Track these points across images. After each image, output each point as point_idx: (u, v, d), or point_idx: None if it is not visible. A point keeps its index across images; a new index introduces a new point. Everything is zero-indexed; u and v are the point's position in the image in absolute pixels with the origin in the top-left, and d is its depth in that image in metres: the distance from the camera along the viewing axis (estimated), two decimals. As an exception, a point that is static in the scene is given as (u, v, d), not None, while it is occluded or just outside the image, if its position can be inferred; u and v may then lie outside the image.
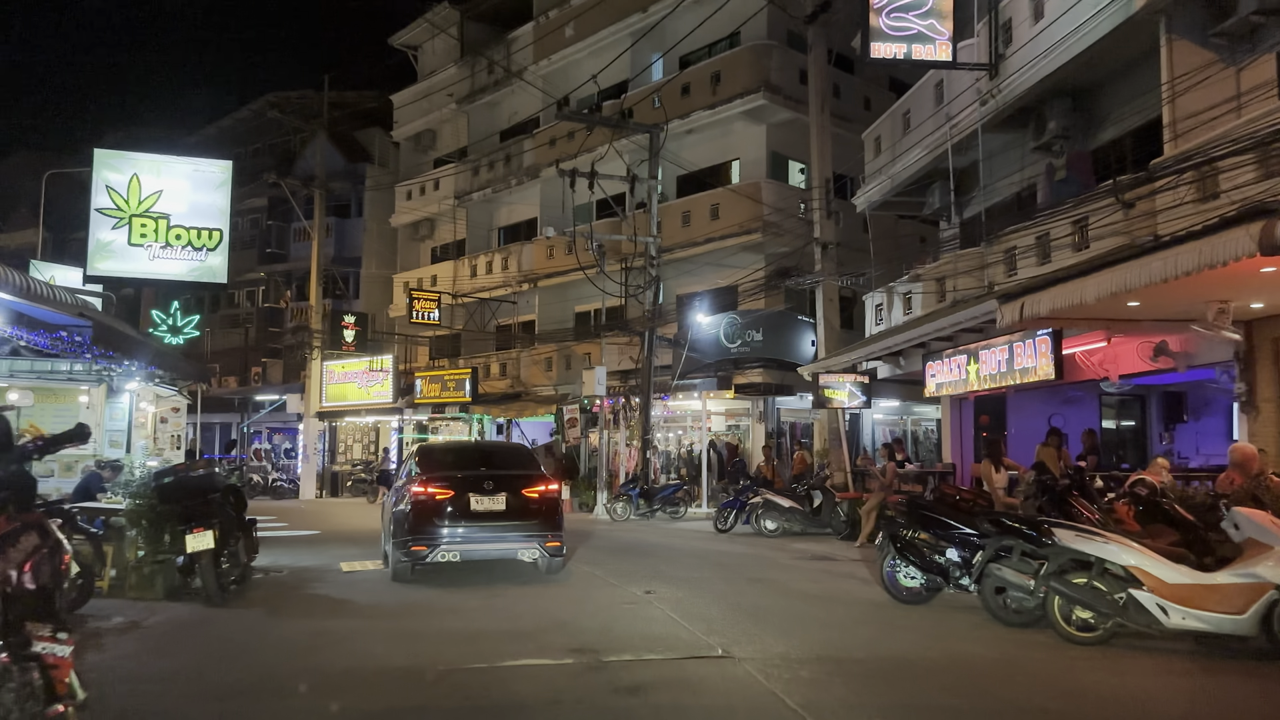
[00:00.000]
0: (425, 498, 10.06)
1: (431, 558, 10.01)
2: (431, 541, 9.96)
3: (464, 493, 10.07)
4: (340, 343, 29.17)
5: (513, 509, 10.17)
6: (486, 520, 10.09)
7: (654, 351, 22.19)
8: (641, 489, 21.33)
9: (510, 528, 10.21)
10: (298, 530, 17.62)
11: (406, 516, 10.10)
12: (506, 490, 10.20)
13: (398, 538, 10.21)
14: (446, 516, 9.99)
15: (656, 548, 14.83)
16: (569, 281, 27.31)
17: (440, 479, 10.21)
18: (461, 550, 10.10)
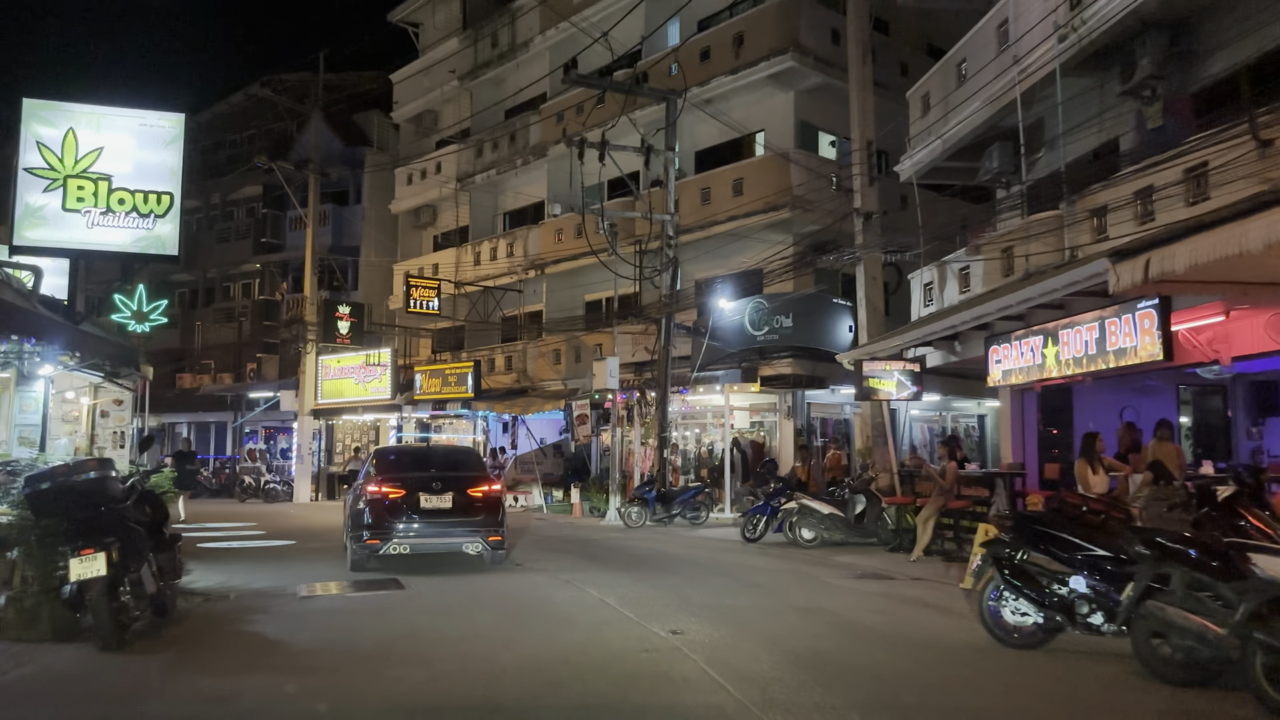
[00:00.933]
0: (380, 496, 11.07)
1: (385, 550, 10.96)
2: (385, 536, 10.93)
3: (415, 492, 11.10)
4: (334, 335, 27.20)
5: (459, 507, 11.18)
6: (435, 517, 11.11)
7: (671, 341, 20.08)
8: (658, 492, 19.24)
9: (456, 524, 11.21)
10: (272, 539, 15.61)
11: (363, 513, 11.12)
12: (453, 490, 11.22)
13: (355, 532, 11.27)
14: (399, 513, 11.01)
15: (678, 562, 12.71)
16: (579, 267, 25.24)
17: (393, 479, 11.24)
18: (412, 544, 11.07)
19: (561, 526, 19.17)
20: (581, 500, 22.19)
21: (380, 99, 33.87)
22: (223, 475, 32.75)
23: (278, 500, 28.84)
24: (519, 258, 26.96)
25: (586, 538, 16.56)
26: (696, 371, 20.16)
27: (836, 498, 15.05)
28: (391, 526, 10.96)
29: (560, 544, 15.26)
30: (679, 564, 12.50)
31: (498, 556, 11.71)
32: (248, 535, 16.51)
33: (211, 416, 37.31)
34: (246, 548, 14.52)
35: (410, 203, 31.76)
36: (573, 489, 22.46)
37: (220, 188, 37.82)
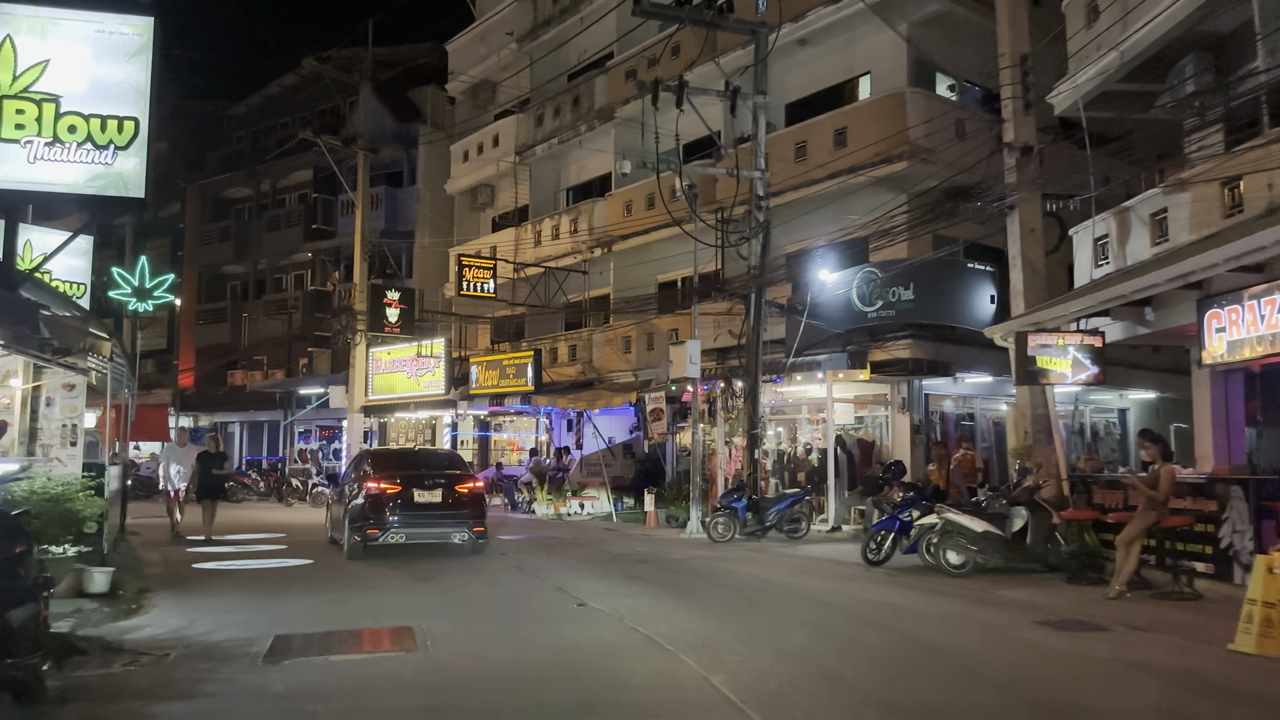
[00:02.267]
0: (379, 491, 12.32)
1: (383, 539, 12.30)
2: (383, 526, 12.24)
3: (409, 487, 12.45)
4: (382, 324, 24.69)
5: (447, 501, 12.55)
6: (427, 510, 12.46)
7: (763, 320, 16.89)
8: (750, 499, 16.08)
9: (446, 516, 12.58)
10: (289, 558, 12.89)
11: (363, 506, 12.34)
12: (443, 486, 12.62)
13: (355, 523, 12.40)
14: (396, 506, 12.32)
15: (793, 599, 9.58)
16: (650, 243, 22.21)
17: (390, 476, 12.59)
18: (407, 533, 12.43)
19: (635, 540, 16.16)
20: (656, 508, 19.15)
21: (435, 73, 31.38)
22: (271, 478, 30.61)
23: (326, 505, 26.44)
24: (583, 235, 24.07)
25: (665, 556, 13.50)
26: (793, 357, 16.94)
27: (990, 511, 11.72)
28: (389, 518, 12.32)
29: (635, 566, 12.23)
30: (796, 603, 9.35)
31: (479, 545, 13.06)
32: (265, 551, 13.87)
33: (263, 415, 35.31)
34: (251, 569, 11.82)
35: (467, 181, 29.13)
36: (646, 495, 19.43)
37: (270, 174, 35.85)
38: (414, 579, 10.73)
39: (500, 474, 24.34)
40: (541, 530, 18.27)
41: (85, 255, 18.99)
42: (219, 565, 11.98)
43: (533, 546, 14.81)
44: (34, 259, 18.01)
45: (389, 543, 12.32)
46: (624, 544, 15.38)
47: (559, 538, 16.45)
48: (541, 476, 22.32)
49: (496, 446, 28.83)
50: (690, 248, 18.38)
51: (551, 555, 13.45)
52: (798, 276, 17.93)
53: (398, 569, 11.86)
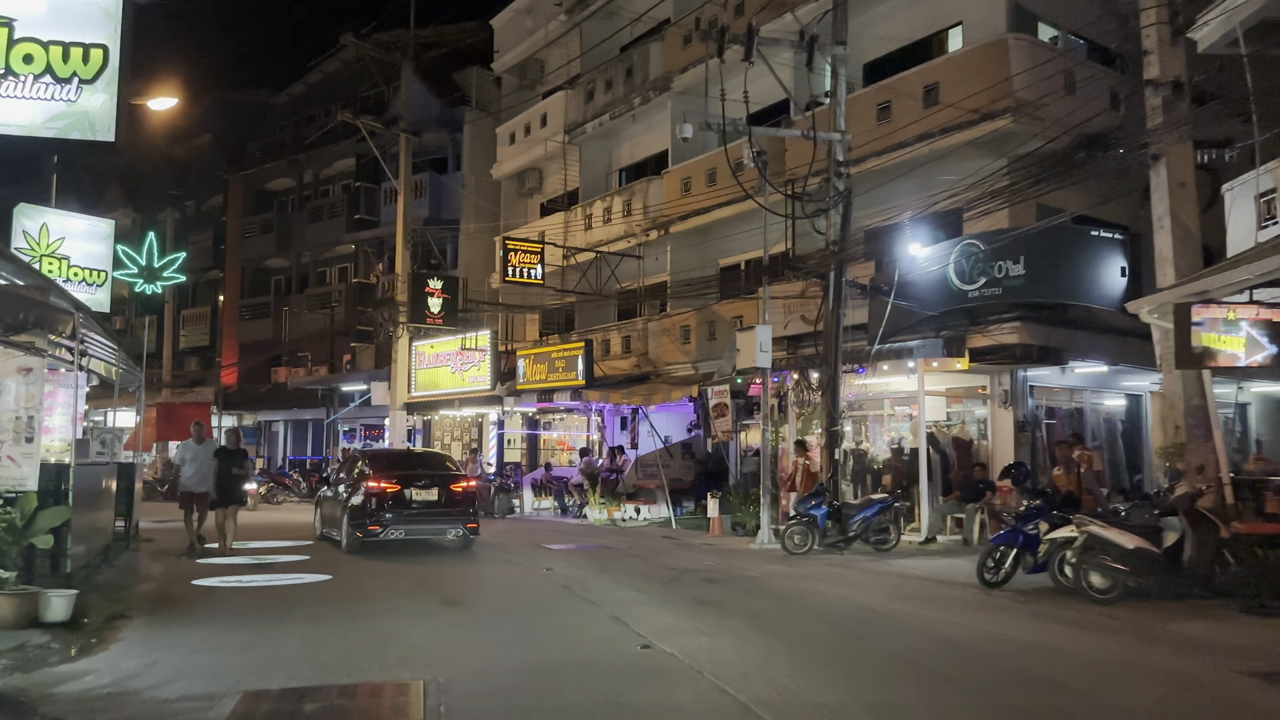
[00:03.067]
0: (379, 490, 13.13)
1: (384, 536, 13.06)
2: (383, 523, 13.01)
3: (407, 487, 13.29)
4: (424, 314, 23.12)
5: (442, 499, 13.43)
6: (423, 508, 13.32)
7: (844, 302, 14.88)
8: (830, 506, 14.09)
9: (441, 514, 13.43)
10: (307, 572, 11.23)
11: (364, 505, 13.11)
12: (438, 485, 13.52)
13: (355, 520, 13.17)
14: (395, 504, 13.14)
15: (908, 638, 7.60)
16: (710, 223, 20.31)
17: (389, 476, 13.37)
18: (406, 529, 13.22)
19: (699, 551, 14.27)
20: (721, 514, 17.23)
21: (480, 53, 29.78)
22: (313, 478, 29.30)
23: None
24: (637, 217, 22.23)
25: (738, 573, 11.59)
26: (878, 343, 14.89)
27: (1133, 524, 9.61)
28: (389, 515, 12.96)
29: (705, 587, 10.35)
30: (917, 643, 7.37)
31: (469, 540, 13.70)
32: (282, 563, 12.26)
33: (308, 414, 34.15)
34: (258, 586, 10.18)
35: (514, 164, 27.48)
36: (709, 500, 17.52)
37: (313, 163, 34.65)
38: (441, 603, 8.99)
39: (549, 475, 22.62)
40: (594, 538, 16.48)
41: (106, 241, 17.76)
42: (222, 582, 10.37)
43: (584, 559, 13.00)
44: (51, 243, 16.73)
45: (388, 539, 13.11)
46: (687, 556, 13.50)
47: (613, 548, 14.62)
48: (593, 478, 20.54)
49: (545, 446, 27.16)
50: (756, 226, 16.45)
51: (605, 570, 11.62)
52: (881, 253, 15.86)
53: (423, 588, 10.13)
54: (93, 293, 17.97)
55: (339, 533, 13.75)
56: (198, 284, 38.91)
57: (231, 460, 13.50)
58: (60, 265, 17.48)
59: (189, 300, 38.93)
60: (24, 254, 17.20)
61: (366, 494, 13.06)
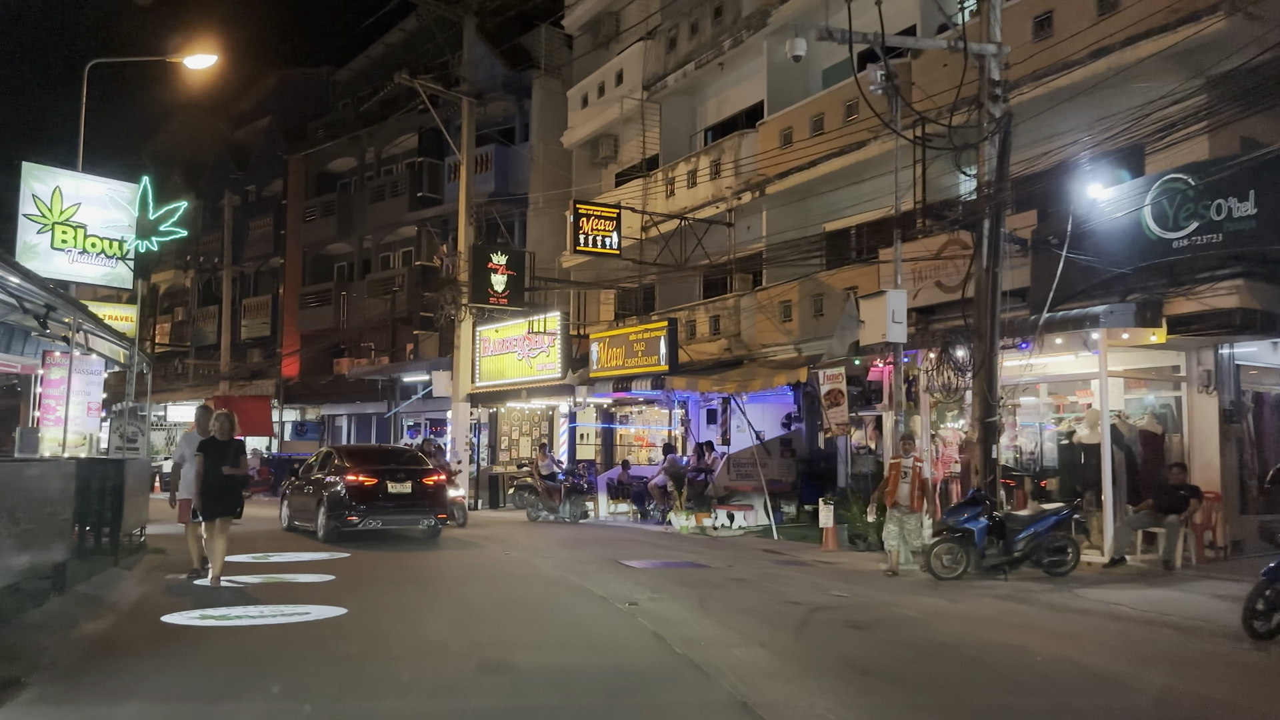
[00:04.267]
0: (358, 483, 13.75)
1: (362, 526, 13.73)
2: (362, 514, 13.65)
3: (384, 480, 13.91)
4: (487, 293, 20.56)
5: (416, 492, 14.06)
6: (399, 500, 13.93)
7: (1001, 259, 11.71)
8: (992, 519, 10.97)
9: (415, 505, 14.11)
10: (317, 604, 8.61)
11: (343, 496, 13.69)
12: (411, 479, 14.16)
13: (334, 511, 13.75)
14: (374, 496, 13.73)
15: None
16: (815, 180, 17.26)
17: (367, 470, 14.03)
18: (383, 519, 13.95)
19: (818, 574, 11.29)
20: (835, 524, 14.20)
21: (548, 11, 27.16)
22: (374, 476, 27.02)
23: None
24: (727, 178, 19.27)
25: (887, 611, 8.59)
26: (1048, 311, 11.67)
27: None
28: (368, 506, 13.68)
29: (851, 637, 7.40)
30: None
31: (438, 529, 14.59)
32: (294, 587, 9.71)
33: (370, 408, 32.02)
34: (242, 627, 7.58)
35: (586, 130, 24.77)
36: (822, 506, 14.49)
37: (374, 140, 32.54)
38: (479, 668, 6.21)
39: (627, 475, 19.84)
40: (682, 551, 13.64)
41: (129, 208, 15.60)
42: (202, 618, 7.80)
43: (676, 585, 10.14)
44: (65, 209, 14.67)
45: (366, 529, 13.77)
46: (808, 582, 10.52)
47: (710, 568, 11.75)
48: (679, 479, 17.67)
49: (622, 442, 24.43)
50: (874, 176, 13.51)
51: (707, 607, 8.73)
52: (1046, 200, 12.61)
53: (462, 631, 7.40)
54: (113, 265, 15.96)
55: (313, 524, 14.44)
56: (259, 272, 37.29)
57: (221, 455, 9.76)
58: (75, 234, 15.49)
59: (250, 289, 37.33)
60: (34, 221, 15.24)
61: (347, 486, 13.72)
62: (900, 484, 10.68)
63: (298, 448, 33.67)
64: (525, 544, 14.50)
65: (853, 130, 16.04)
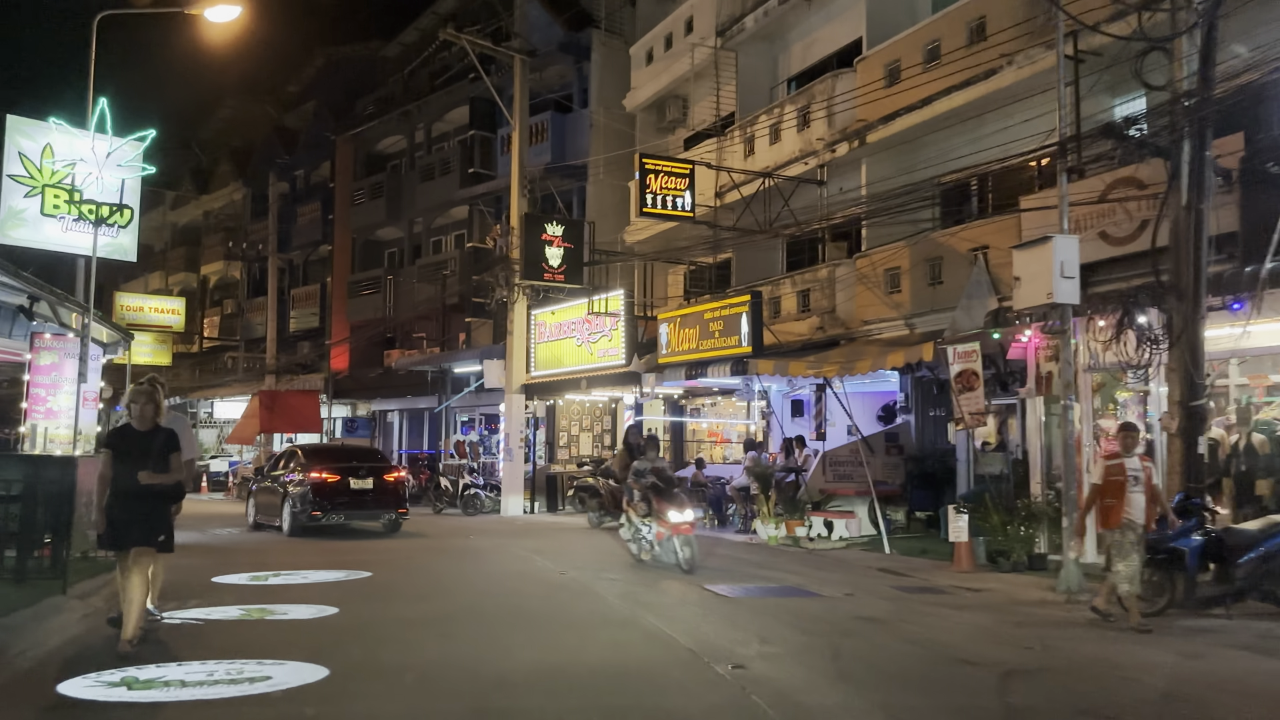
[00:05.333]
0: (321, 480, 14.46)
1: (325, 520, 14.41)
2: (325, 509, 14.34)
3: (346, 476, 14.66)
4: (541, 269, 18.14)
5: (376, 488, 14.79)
6: (360, 495, 14.65)
7: (1207, 192, 8.79)
8: (1209, 535, 8.11)
9: (375, 501, 14.80)
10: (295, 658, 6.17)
11: (307, 493, 14.39)
12: (372, 476, 14.92)
13: (301, 507, 14.39)
14: (337, 492, 14.45)
15: None
16: (930, 121, 14.43)
17: (329, 468, 14.74)
18: (345, 514, 14.59)
19: (965, 606, 8.54)
20: (971, 538, 11.37)
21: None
22: (423, 476, 25.00)
23: (480, 511, 20.40)
24: (818, 129, 16.50)
25: (1106, 677, 5.82)
26: (1271, 260, 8.71)
27: None
28: (331, 501, 14.38)
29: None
30: None
31: (398, 524, 15.07)
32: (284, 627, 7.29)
33: (422, 402, 29.89)
34: (178, 702, 5.13)
35: (651, 90, 22.19)
36: (952, 515, 11.68)
37: (424, 115, 30.41)
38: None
39: (702, 476, 17.21)
40: (780, 570, 11.02)
41: (133, 168, 13.49)
42: (107, 690, 5.38)
43: (785, 626, 7.50)
44: (57, 170, 12.52)
45: (330, 523, 14.46)
46: (969, 626, 7.77)
47: (824, 598, 9.08)
48: (765, 481, 14.97)
49: (693, 438, 21.83)
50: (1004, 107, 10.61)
51: (844, 670, 6.06)
52: (1256, 121, 9.63)
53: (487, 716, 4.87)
54: (114, 235, 13.80)
55: (279, 519, 15.08)
56: (308, 261, 35.54)
57: (136, 453, 6.51)
58: (73, 199, 13.35)
59: (299, 278, 35.59)
60: (20, 183, 13.13)
61: (311, 483, 14.40)
62: (1130, 493, 7.71)
63: (348, 445, 31.80)
64: (585, 559, 12.00)
65: (979, 58, 13.16)
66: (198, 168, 41.24)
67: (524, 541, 14.18)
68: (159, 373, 37.37)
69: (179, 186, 41.97)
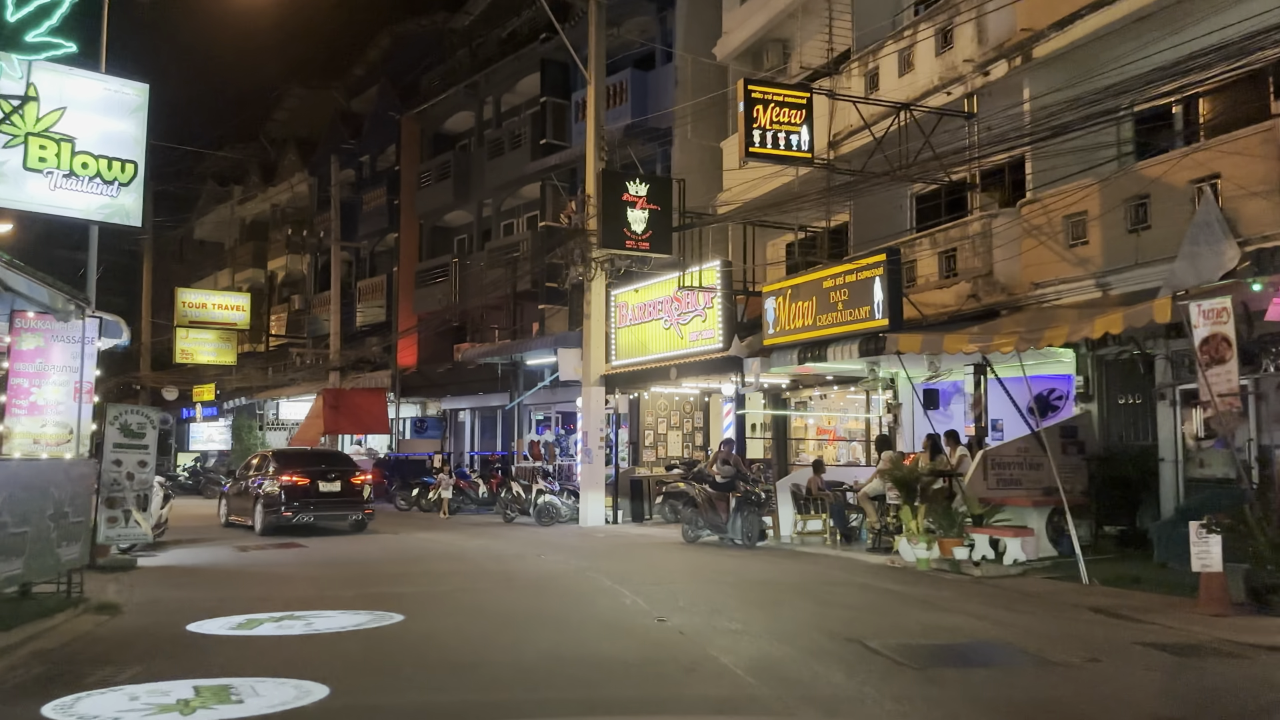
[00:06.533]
0: (292, 483, 15.66)
1: (296, 520, 15.42)
2: (295, 510, 15.44)
3: (315, 480, 15.87)
4: (622, 236, 15.31)
5: (343, 490, 16.01)
6: (328, 496, 15.79)
7: None
8: None
9: (342, 502, 15.94)
10: None
11: (278, 495, 15.51)
12: (340, 479, 16.13)
13: (272, 508, 15.50)
14: (306, 493, 15.63)
15: None
16: (1118, 22, 11.06)
17: (299, 471, 15.97)
18: (314, 514, 15.60)
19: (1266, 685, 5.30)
20: (1226, 564, 8.07)
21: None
22: (494, 480, 22.46)
23: (557, 520, 17.77)
24: (964, 48, 13.26)
25: None
26: None
27: None
28: (300, 502, 15.48)
29: None
30: None
31: (363, 524, 16.04)
32: None
33: (495, 399, 27.37)
34: None
35: (746, 32, 19.16)
36: (1196, 534, 8.34)
37: (492, 88, 27.96)
38: None
39: (821, 481, 14.11)
40: (949, 608, 8.07)
41: (136, 116, 11.10)
42: None
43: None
44: (43, 115, 10.15)
45: (300, 523, 15.47)
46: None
47: (1055, 667, 6.04)
48: (909, 488, 11.79)
49: (796, 435, 18.77)
50: None
51: None
52: None
53: None
54: (113, 194, 11.44)
55: (251, 519, 16.03)
56: (374, 252, 33.49)
57: None
58: (59, 150, 11.08)
59: (365, 270, 33.55)
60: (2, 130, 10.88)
61: (282, 486, 15.59)
62: None
63: (417, 447, 29.50)
64: (687, 592, 9.09)
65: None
66: (265, 161, 39.75)
67: (607, 563, 11.33)
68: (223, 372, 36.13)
69: (246, 180, 40.59)
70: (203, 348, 33.71)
